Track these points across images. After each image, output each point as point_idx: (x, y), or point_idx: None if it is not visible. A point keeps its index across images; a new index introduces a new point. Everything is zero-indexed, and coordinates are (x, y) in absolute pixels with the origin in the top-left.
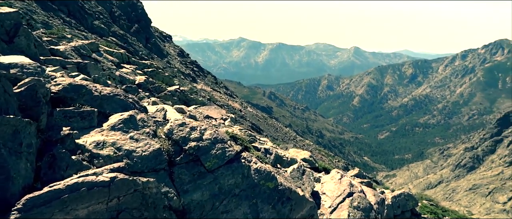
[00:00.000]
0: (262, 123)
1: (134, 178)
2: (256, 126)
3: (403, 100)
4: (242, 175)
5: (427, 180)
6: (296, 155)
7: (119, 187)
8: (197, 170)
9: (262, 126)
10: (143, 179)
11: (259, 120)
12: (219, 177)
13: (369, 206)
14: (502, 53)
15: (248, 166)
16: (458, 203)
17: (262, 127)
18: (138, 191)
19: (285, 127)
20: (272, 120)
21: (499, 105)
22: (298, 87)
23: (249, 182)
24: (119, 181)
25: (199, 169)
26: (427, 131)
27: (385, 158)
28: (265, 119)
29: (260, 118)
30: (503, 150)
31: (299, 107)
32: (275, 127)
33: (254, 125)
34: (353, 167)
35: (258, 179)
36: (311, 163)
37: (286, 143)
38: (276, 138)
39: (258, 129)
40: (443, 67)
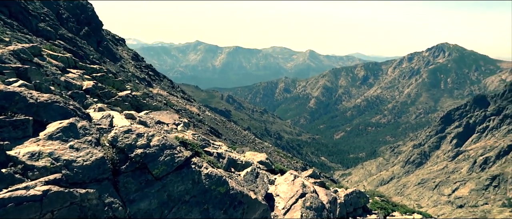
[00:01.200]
0: (221, 127)
1: (71, 190)
2: (215, 130)
3: (356, 101)
4: (193, 181)
5: (380, 176)
6: (252, 158)
7: (53, 201)
8: (144, 178)
9: (221, 130)
10: (81, 190)
11: (218, 123)
12: (168, 184)
13: (321, 205)
14: (443, 56)
15: (198, 172)
16: (409, 197)
17: (221, 131)
18: (75, 204)
19: (244, 130)
20: (230, 123)
21: (442, 104)
22: (256, 90)
23: (200, 188)
24: (53, 194)
25: (146, 177)
26: (379, 130)
27: (341, 157)
28: (224, 122)
29: (218, 122)
30: (446, 145)
31: (258, 110)
32: (234, 130)
33: (212, 129)
34: (311, 167)
35: (209, 184)
36: (267, 165)
37: (245, 146)
38: (235, 141)
39: (217, 132)
40: (392, 69)
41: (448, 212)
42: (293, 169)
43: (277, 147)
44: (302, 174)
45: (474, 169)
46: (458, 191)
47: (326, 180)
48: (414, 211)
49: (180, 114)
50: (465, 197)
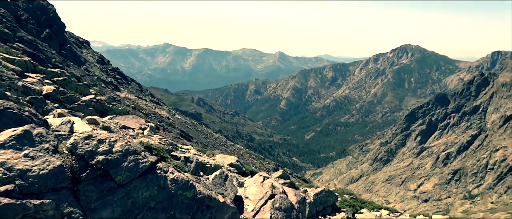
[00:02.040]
0: (192, 130)
1: (24, 202)
2: (186, 133)
3: (326, 101)
4: (158, 186)
5: (350, 175)
6: (222, 161)
7: (3, 214)
8: (107, 185)
9: (192, 133)
10: (36, 201)
11: (188, 127)
12: (132, 191)
13: (290, 206)
14: (406, 57)
15: (164, 177)
16: (377, 193)
17: (192, 134)
18: (28, 216)
19: (215, 133)
20: (201, 126)
21: (406, 103)
22: (227, 92)
23: (166, 193)
24: (2, 207)
25: (108, 184)
26: (348, 129)
27: (312, 157)
28: (195, 125)
29: (189, 125)
30: (411, 142)
31: (229, 113)
32: (205, 133)
33: (183, 132)
34: (283, 168)
35: (175, 189)
36: (238, 168)
37: (217, 148)
38: (207, 144)
39: (188, 136)
40: (359, 70)
41: (414, 207)
42: (265, 170)
43: (249, 149)
44: (272, 175)
45: (437, 165)
46: (423, 186)
47: (297, 180)
48: (381, 207)
49: (149, 117)
50: (430, 192)
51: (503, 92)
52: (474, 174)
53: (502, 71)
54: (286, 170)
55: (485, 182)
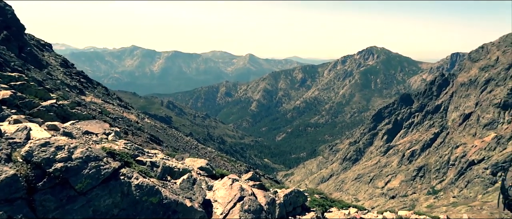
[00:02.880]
0: (162, 134)
1: None
2: (156, 137)
3: (296, 103)
4: (122, 193)
5: (321, 174)
6: (192, 164)
7: None
8: (66, 194)
9: (162, 137)
10: None
11: (158, 130)
12: (93, 199)
13: (259, 207)
14: (373, 58)
15: (128, 183)
16: (347, 192)
17: (162, 138)
18: None
19: (186, 136)
20: (172, 130)
21: (373, 103)
22: (197, 95)
23: (130, 200)
24: None
25: (68, 192)
26: (318, 130)
27: (284, 158)
28: (165, 129)
29: (159, 129)
30: (378, 141)
31: (199, 115)
32: (176, 137)
33: (153, 136)
34: (255, 170)
35: (140, 195)
36: (208, 171)
37: (187, 152)
38: (177, 148)
39: (158, 140)
40: (328, 72)
41: (382, 204)
42: (237, 173)
43: (220, 152)
44: (242, 177)
45: (403, 162)
46: (390, 183)
47: (269, 182)
48: (350, 205)
49: (117, 122)
50: (396, 188)
51: (462, 91)
52: (437, 170)
53: (460, 72)
54: (258, 172)
55: (447, 177)
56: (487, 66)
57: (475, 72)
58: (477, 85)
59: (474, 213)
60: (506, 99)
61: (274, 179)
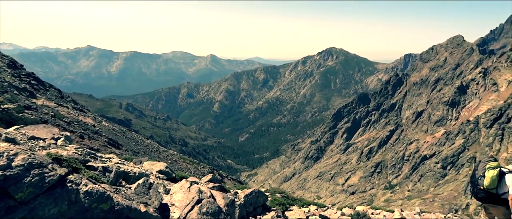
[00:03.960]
0: (121, 137)
1: None
2: (114, 141)
3: (258, 103)
4: (69, 201)
5: (284, 173)
6: (151, 168)
7: None
8: (5, 205)
9: (121, 140)
10: None
11: (117, 134)
12: (37, 208)
13: (218, 209)
14: (332, 59)
15: (76, 190)
16: (309, 190)
17: (121, 142)
18: None
19: (146, 139)
20: (131, 133)
21: (333, 103)
22: (158, 96)
23: (78, 208)
24: None
25: (7, 202)
26: (280, 129)
27: (247, 158)
28: (124, 132)
29: (118, 132)
30: (338, 140)
31: (160, 117)
32: (136, 140)
33: (111, 140)
34: (218, 171)
35: (89, 203)
36: (167, 174)
37: (148, 155)
38: (138, 151)
39: (117, 144)
40: (289, 72)
41: (342, 200)
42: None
43: (183, 154)
44: (202, 179)
45: (361, 159)
46: (350, 180)
47: (233, 183)
48: (311, 203)
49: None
50: (356, 185)
51: (414, 90)
52: (393, 165)
53: (413, 72)
54: (222, 173)
55: (402, 172)
56: (437, 66)
57: (426, 72)
58: (428, 84)
59: (426, 205)
60: (453, 98)
61: (238, 179)
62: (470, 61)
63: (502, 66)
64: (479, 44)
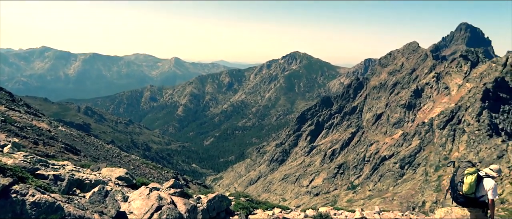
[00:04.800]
0: (79, 143)
1: None
2: (72, 147)
3: (223, 107)
4: (13, 212)
5: (249, 177)
6: (109, 174)
7: None
8: None
9: (79, 146)
10: None
11: (75, 139)
12: None
13: (179, 216)
14: (296, 63)
15: (22, 201)
16: (275, 192)
17: (79, 147)
18: None
19: (107, 144)
20: (91, 138)
21: (297, 106)
22: (119, 100)
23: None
24: None
25: None
26: (246, 133)
27: (212, 162)
28: (83, 137)
29: (76, 137)
30: (303, 142)
31: (122, 122)
32: (95, 145)
33: (68, 145)
34: (183, 176)
35: (36, 214)
36: (127, 180)
37: (109, 161)
38: (97, 157)
39: (74, 149)
40: (254, 76)
41: (307, 201)
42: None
43: (145, 159)
44: (163, 185)
45: (325, 161)
46: (314, 182)
47: (198, 187)
48: (274, 206)
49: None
50: (320, 186)
51: (374, 94)
52: (355, 166)
53: (372, 76)
54: (186, 178)
55: (363, 173)
56: (394, 71)
57: (384, 76)
58: (387, 88)
59: (386, 204)
60: (410, 101)
61: (203, 184)
62: (424, 66)
63: (453, 71)
64: (433, 50)
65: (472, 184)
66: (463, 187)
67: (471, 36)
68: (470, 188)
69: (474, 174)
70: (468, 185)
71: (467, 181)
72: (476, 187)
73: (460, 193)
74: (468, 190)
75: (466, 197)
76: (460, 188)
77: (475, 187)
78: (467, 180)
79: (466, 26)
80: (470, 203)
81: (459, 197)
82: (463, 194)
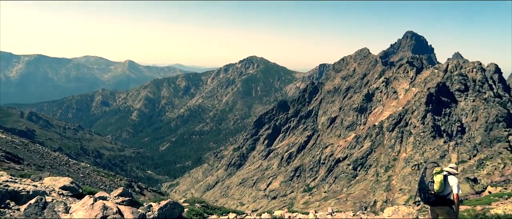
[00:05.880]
0: (22, 150)
1: None
2: (13, 155)
3: (180, 111)
4: None
5: (206, 182)
6: (53, 184)
7: None
8: None
9: (22, 154)
10: None
11: (17, 147)
12: None
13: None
14: (253, 67)
15: None
16: (232, 197)
17: (21, 155)
18: None
19: (54, 151)
20: (35, 145)
21: (254, 110)
22: (68, 104)
23: None
24: None
25: None
26: (203, 137)
27: (168, 168)
28: (26, 145)
29: (18, 145)
30: (260, 146)
31: (71, 127)
32: (41, 153)
33: (10, 154)
34: (137, 183)
35: None
36: (73, 190)
37: (55, 169)
38: (43, 165)
39: (16, 158)
40: (211, 80)
41: (264, 205)
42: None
43: (96, 166)
44: (111, 194)
45: (282, 164)
46: (271, 185)
47: (153, 194)
48: (230, 211)
49: None
50: (277, 189)
51: (329, 98)
52: (311, 169)
53: (327, 81)
54: (141, 185)
55: (319, 175)
56: (347, 76)
57: (338, 81)
58: (340, 92)
59: (340, 205)
60: (362, 104)
61: (158, 191)
62: (374, 71)
63: (400, 77)
64: (382, 56)
65: (442, 182)
66: (435, 186)
67: (416, 44)
68: (441, 186)
69: (441, 173)
70: (439, 183)
71: (437, 180)
72: (444, 185)
73: (432, 193)
74: (439, 188)
75: (437, 196)
76: (432, 187)
77: (444, 185)
78: (437, 178)
79: (412, 34)
80: (440, 201)
81: (431, 196)
82: (435, 193)
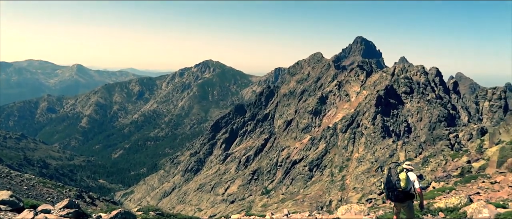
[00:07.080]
0: None
1: None
2: None
3: (134, 117)
4: None
5: (163, 189)
6: None
7: None
8: None
9: None
10: None
11: None
12: None
13: None
14: (209, 71)
15: None
16: (190, 203)
17: None
18: None
19: None
20: None
21: (211, 114)
22: (9, 112)
23: None
24: None
25: None
26: (158, 143)
27: (122, 176)
28: None
29: None
30: (218, 150)
31: (12, 136)
32: None
33: None
34: (88, 193)
35: None
36: (12, 204)
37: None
38: None
39: None
40: (166, 84)
41: (223, 209)
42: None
43: (43, 177)
44: (55, 206)
45: (240, 168)
46: (229, 189)
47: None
48: (186, 218)
49: None
50: (235, 193)
51: (284, 101)
52: (268, 171)
53: (282, 84)
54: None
55: (276, 177)
56: (302, 79)
57: (293, 84)
58: (295, 95)
59: (297, 206)
60: (316, 107)
61: (111, 200)
62: (328, 75)
63: (352, 80)
64: (334, 60)
65: (407, 179)
66: (401, 183)
67: (366, 49)
68: (407, 183)
69: (403, 171)
70: (404, 180)
71: (402, 177)
72: (408, 182)
73: (399, 190)
74: (405, 184)
75: (404, 192)
76: (399, 185)
77: (407, 181)
78: (402, 176)
79: (361, 40)
80: (406, 196)
81: (399, 193)
82: (402, 190)
